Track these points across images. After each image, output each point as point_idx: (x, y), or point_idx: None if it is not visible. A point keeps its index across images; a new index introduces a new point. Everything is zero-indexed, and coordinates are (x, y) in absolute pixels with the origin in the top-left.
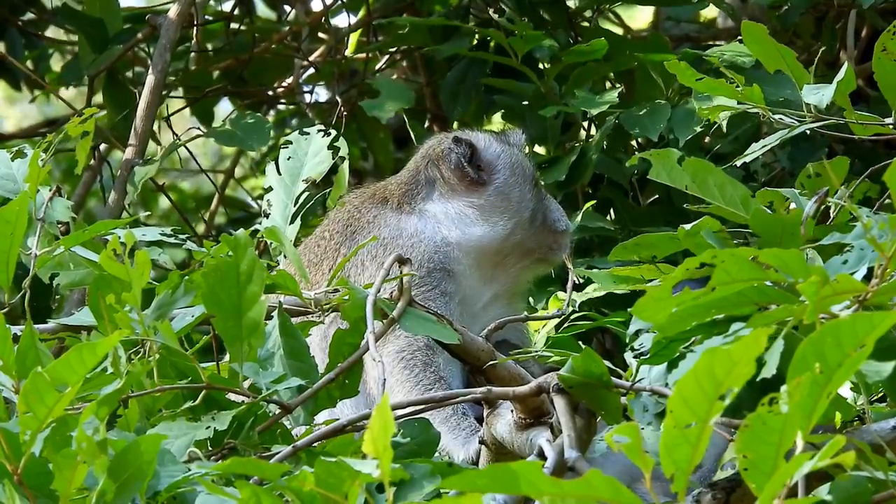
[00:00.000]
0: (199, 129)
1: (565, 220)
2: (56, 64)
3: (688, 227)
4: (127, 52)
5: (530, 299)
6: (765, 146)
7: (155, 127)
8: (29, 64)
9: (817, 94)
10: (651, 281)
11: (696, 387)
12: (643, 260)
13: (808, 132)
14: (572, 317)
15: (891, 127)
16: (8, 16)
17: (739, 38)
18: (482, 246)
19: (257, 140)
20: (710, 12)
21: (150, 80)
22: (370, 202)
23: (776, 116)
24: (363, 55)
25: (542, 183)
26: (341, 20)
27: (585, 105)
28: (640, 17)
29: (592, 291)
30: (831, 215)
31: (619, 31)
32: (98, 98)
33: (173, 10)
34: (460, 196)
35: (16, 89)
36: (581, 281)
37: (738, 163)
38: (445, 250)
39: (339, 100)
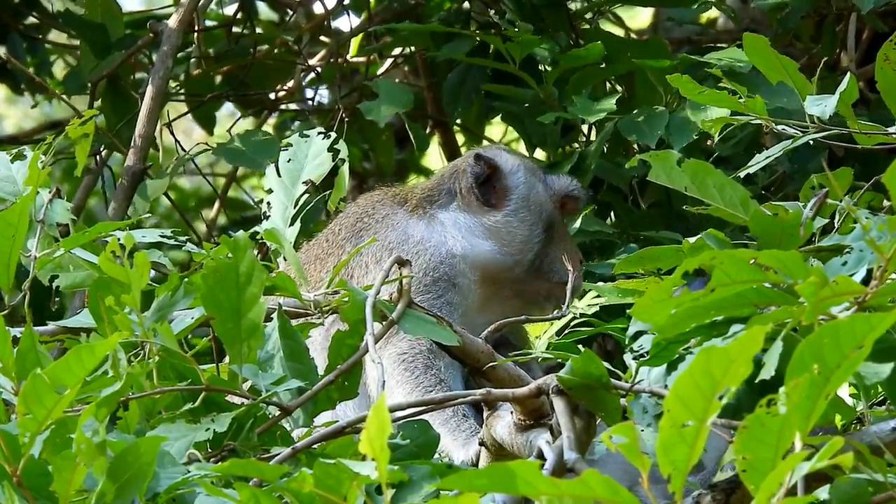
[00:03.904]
0: (206, 144)
1: (563, 272)
2: (59, 70)
3: (692, 240)
4: (129, 59)
5: None
6: (768, 157)
7: (157, 131)
8: (31, 70)
9: (820, 106)
10: None
11: (693, 386)
12: (647, 272)
13: None
14: (573, 323)
15: (894, 136)
16: (9, 20)
17: (739, 42)
18: (489, 261)
19: (267, 158)
20: (711, 13)
21: (151, 87)
22: (388, 200)
23: (779, 127)
24: (364, 58)
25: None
26: (342, 23)
27: (583, 112)
28: (641, 17)
29: (592, 299)
30: (835, 225)
31: (619, 31)
32: (100, 103)
33: (174, 18)
34: (474, 213)
35: (17, 93)
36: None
37: (742, 174)
38: (451, 262)
39: (339, 107)
